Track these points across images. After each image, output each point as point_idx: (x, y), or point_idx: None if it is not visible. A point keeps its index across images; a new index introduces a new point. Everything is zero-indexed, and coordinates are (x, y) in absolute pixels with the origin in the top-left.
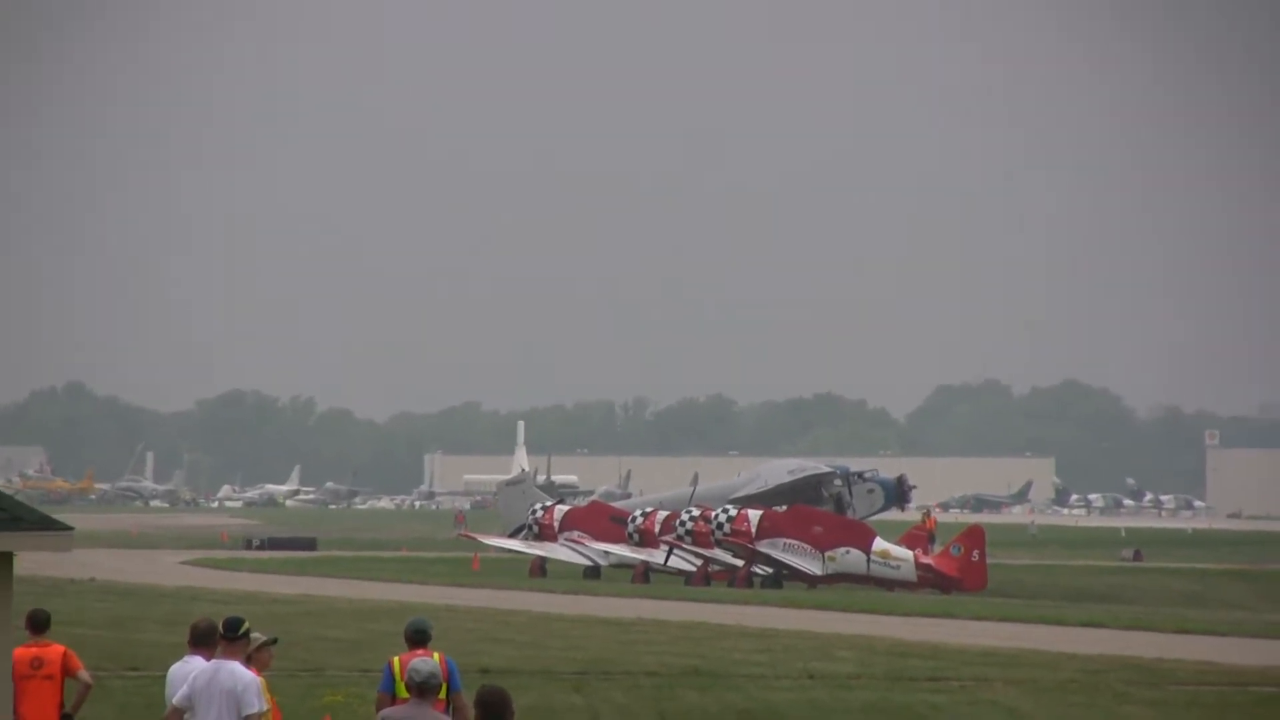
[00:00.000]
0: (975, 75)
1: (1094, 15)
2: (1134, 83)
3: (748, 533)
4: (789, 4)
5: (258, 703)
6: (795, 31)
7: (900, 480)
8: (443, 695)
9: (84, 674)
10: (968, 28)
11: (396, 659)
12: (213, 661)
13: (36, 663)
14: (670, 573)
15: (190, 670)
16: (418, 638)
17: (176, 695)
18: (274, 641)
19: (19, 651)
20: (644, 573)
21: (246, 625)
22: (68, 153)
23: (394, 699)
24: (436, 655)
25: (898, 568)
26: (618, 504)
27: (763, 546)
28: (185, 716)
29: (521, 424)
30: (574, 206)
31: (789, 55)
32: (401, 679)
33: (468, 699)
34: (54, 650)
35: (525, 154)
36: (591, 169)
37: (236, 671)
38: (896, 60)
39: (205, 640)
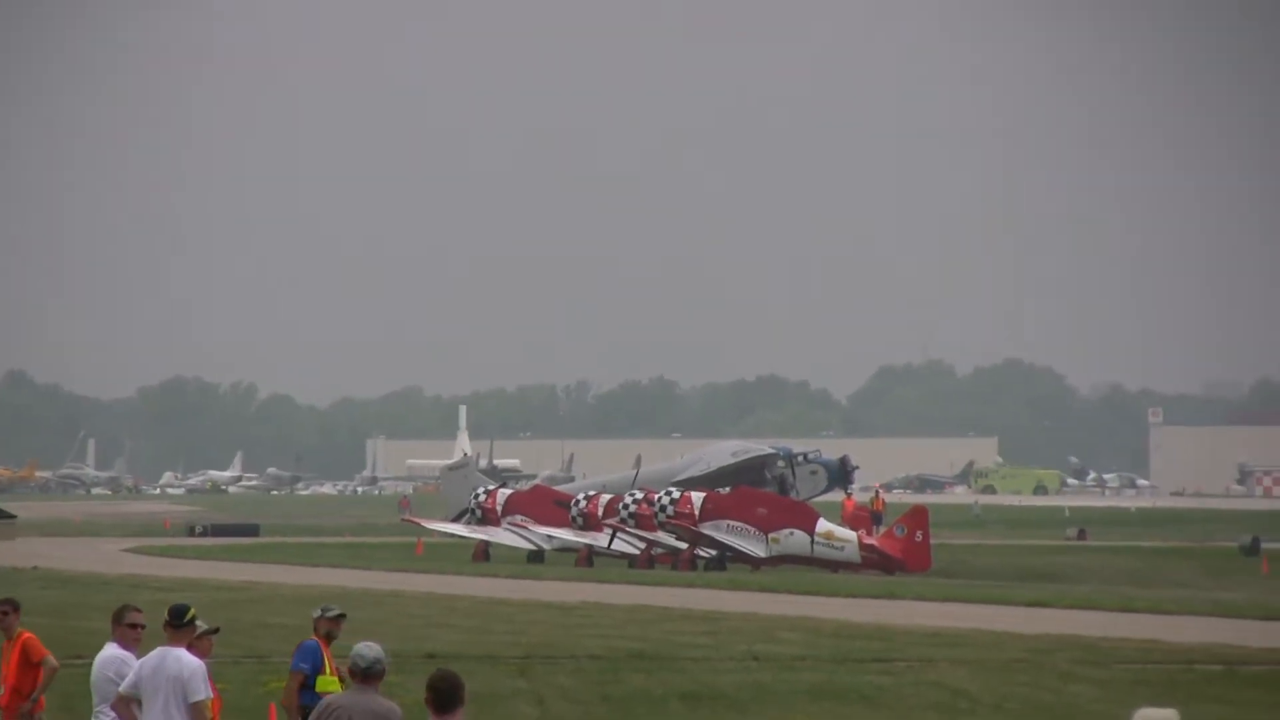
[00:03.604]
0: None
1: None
2: (1116, 78)
3: (691, 515)
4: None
5: (204, 689)
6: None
7: (843, 461)
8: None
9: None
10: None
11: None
12: (158, 649)
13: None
14: (614, 556)
15: (111, 656)
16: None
17: (124, 683)
18: (215, 631)
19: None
20: (588, 556)
21: (193, 612)
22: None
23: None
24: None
25: (842, 549)
26: (561, 487)
27: (706, 529)
28: (132, 705)
29: (464, 408)
30: (519, 190)
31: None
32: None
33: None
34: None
35: (472, 133)
36: (544, 154)
37: (183, 658)
38: (878, 53)
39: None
